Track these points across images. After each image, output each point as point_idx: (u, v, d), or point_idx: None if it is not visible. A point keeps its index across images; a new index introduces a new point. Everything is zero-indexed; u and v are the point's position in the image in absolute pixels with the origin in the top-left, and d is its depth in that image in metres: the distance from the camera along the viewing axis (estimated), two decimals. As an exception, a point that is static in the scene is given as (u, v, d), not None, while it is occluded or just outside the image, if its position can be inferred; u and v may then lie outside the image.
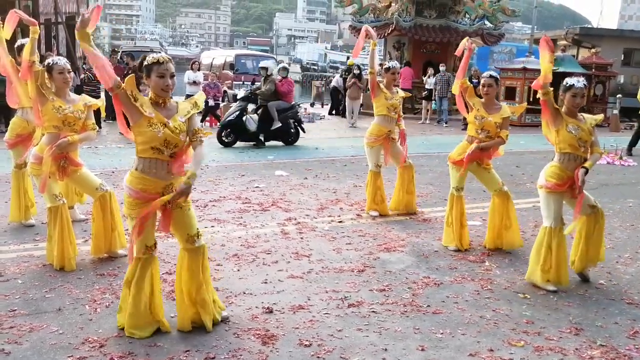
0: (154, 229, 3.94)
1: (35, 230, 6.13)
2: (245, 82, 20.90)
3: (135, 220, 3.78)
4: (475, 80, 15.02)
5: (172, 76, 3.79)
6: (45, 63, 5.18)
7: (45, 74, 5.12)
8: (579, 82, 4.91)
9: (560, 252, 4.94)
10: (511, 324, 4.28)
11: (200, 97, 4.10)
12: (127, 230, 5.95)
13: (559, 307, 4.63)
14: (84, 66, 15.51)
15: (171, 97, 3.89)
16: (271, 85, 12.43)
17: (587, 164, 4.89)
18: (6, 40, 5.67)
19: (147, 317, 3.88)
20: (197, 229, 4.00)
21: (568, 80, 4.96)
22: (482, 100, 5.93)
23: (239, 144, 12.62)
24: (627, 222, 7.36)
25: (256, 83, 15.37)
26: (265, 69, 12.80)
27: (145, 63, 3.74)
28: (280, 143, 12.89)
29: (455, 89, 6.03)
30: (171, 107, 3.89)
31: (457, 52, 6.23)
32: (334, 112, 21.15)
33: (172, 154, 3.81)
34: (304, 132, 13.36)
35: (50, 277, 4.82)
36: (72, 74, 5.27)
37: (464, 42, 6.13)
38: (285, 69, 13.35)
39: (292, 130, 13.04)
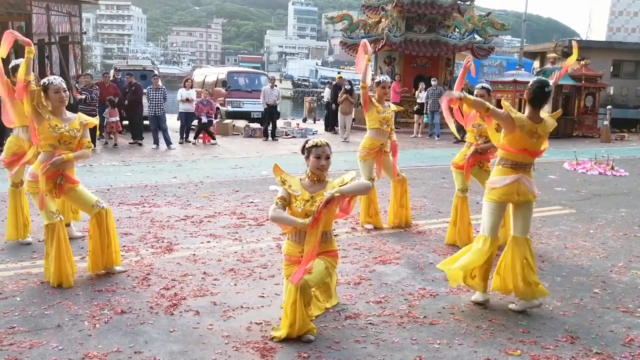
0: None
1: (32, 248, 6.14)
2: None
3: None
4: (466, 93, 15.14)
5: (327, 158, 4.27)
6: (41, 82, 5.22)
7: (42, 93, 5.16)
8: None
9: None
10: (507, 334, 4.31)
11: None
12: (123, 247, 6.00)
13: (554, 316, 4.67)
14: (76, 85, 15.53)
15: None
16: None
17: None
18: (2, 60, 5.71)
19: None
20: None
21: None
22: None
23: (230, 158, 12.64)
24: (620, 231, 7.43)
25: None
26: None
27: (305, 146, 4.32)
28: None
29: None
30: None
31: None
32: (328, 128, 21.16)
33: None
34: None
35: (49, 294, 4.82)
36: (67, 92, 5.30)
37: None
38: None
39: None
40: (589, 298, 5.09)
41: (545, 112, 4.84)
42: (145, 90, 15.54)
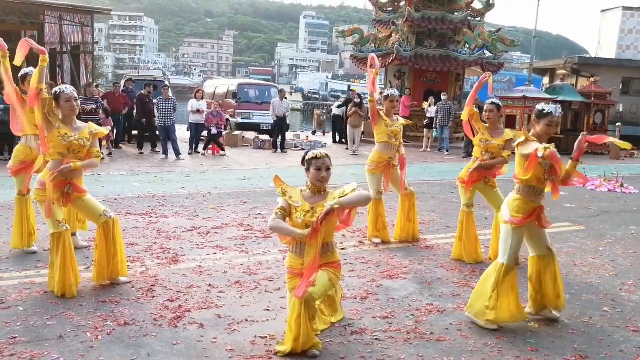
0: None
1: (37, 257, 6.12)
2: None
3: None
4: (476, 107, 15.13)
5: (327, 169, 4.25)
6: (53, 91, 5.23)
7: (53, 101, 5.17)
8: (557, 110, 4.67)
9: (510, 292, 4.70)
10: (515, 352, 4.25)
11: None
12: (129, 257, 5.97)
13: (563, 334, 4.60)
14: (80, 97, 15.63)
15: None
16: None
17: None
18: (13, 68, 5.74)
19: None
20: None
21: (545, 107, 4.69)
22: (487, 125, 6.41)
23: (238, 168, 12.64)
24: (630, 249, 7.35)
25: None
26: None
27: (305, 157, 4.34)
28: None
29: (465, 115, 6.56)
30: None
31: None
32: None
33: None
34: None
35: (52, 304, 4.79)
36: (78, 102, 5.31)
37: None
38: None
39: None
40: (598, 316, 5.01)
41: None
42: (155, 101, 15.62)
